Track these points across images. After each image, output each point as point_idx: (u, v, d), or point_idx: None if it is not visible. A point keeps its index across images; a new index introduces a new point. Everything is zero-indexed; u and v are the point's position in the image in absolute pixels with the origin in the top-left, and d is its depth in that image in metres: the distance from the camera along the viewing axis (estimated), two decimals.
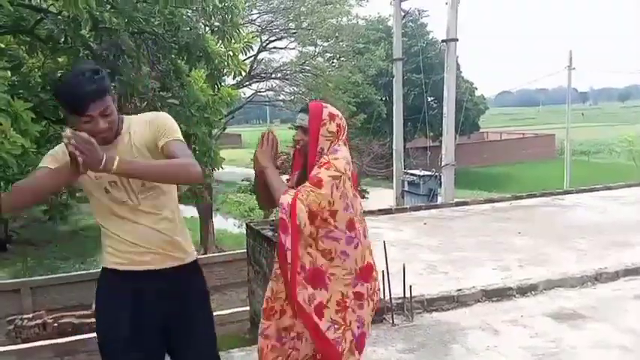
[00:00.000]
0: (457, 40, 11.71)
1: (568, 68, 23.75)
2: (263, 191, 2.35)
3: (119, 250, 2.00)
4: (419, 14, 27.24)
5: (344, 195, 2.13)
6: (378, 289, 2.36)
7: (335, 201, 2.11)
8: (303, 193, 2.09)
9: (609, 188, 9.95)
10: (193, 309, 2.13)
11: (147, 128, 2.00)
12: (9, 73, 4.02)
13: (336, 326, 2.19)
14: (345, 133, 2.31)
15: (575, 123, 27.31)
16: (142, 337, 1.99)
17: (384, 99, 23.62)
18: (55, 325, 9.71)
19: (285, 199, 2.10)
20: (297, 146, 2.31)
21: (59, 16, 4.21)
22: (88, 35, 4.35)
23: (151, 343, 2.03)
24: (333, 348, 2.19)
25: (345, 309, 2.21)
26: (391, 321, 4.02)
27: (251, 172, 2.32)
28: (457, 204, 9.20)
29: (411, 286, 4.12)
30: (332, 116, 2.25)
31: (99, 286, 2.09)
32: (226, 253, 13.90)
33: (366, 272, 2.26)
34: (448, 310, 4.30)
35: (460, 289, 4.51)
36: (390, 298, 4.07)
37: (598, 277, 4.84)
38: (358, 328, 2.25)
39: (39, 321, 9.91)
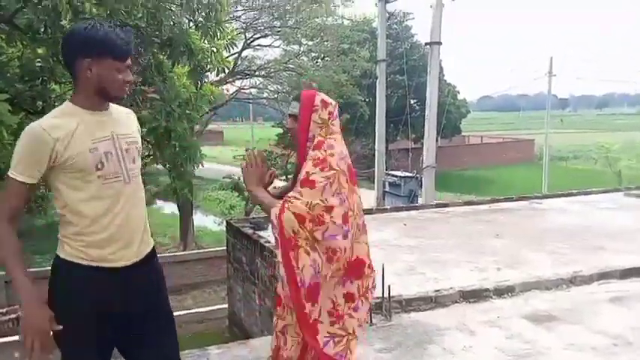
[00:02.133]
0: (441, 43, 11.79)
1: (548, 75, 24.12)
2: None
3: (99, 244, 1.89)
4: (403, 17, 27.36)
5: (337, 191, 2.08)
6: (373, 287, 2.28)
7: (328, 198, 2.05)
8: (290, 199, 2.06)
9: (586, 193, 10.13)
10: (161, 297, 2.11)
11: (135, 122, 2.10)
12: None
13: (335, 339, 2.10)
14: (337, 123, 2.28)
15: (554, 129, 27.71)
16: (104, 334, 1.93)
17: (367, 100, 23.68)
18: None
19: (274, 212, 2.07)
20: (289, 134, 2.33)
21: (39, 6, 4.13)
22: (68, 26, 4.27)
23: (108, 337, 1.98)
24: None
25: (340, 318, 2.13)
26: (369, 320, 4.04)
27: (232, 169, 2.34)
28: (437, 206, 9.29)
29: (389, 286, 4.14)
30: (325, 103, 2.24)
31: (57, 279, 1.96)
32: (206, 250, 13.79)
33: (355, 268, 2.19)
34: (426, 310, 4.33)
35: (438, 290, 4.55)
36: None
37: (573, 280, 4.92)
38: (358, 331, 2.19)
39: (13, 315, 9.74)
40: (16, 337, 8.63)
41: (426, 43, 12.44)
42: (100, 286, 1.89)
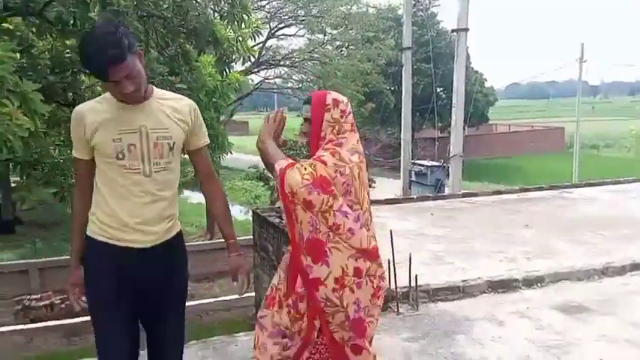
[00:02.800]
0: (468, 29, 11.56)
1: (579, 61, 23.49)
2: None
3: (112, 224, 1.98)
4: (429, 3, 26.97)
5: (347, 183, 2.11)
6: (381, 277, 2.25)
7: (337, 184, 2.09)
8: (305, 163, 2.09)
9: (618, 182, 9.88)
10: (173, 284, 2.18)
11: (188, 114, 2.08)
12: (17, 55, 4.03)
13: (328, 303, 2.13)
14: (351, 120, 2.26)
15: (585, 116, 27.05)
16: (124, 304, 2.04)
17: (392, 89, 23.46)
18: (63, 305, 9.81)
19: (280, 164, 2.11)
20: (306, 138, 2.28)
21: None
22: (96, 17, 4.33)
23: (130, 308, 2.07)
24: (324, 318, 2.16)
25: (343, 287, 2.13)
26: (396, 310, 4.03)
27: (258, 159, 2.34)
28: (464, 195, 9.17)
29: (416, 276, 4.11)
30: (336, 102, 2.23)
31: (85, 255, 2.08)
32: None
33: (370, 253, 2.18)
34: (453, 300, 4.29)
35: (466, 280, 4.50)
36: (396, 286, 4.07)
37: (605, 271, 4.81)
38: (356, 312, 2.16)
39: (47, 301, 10.04)
40: (50, 323, 8.90)
41: (453, 30, 12.24)
42: (121, 261, 1.99)
